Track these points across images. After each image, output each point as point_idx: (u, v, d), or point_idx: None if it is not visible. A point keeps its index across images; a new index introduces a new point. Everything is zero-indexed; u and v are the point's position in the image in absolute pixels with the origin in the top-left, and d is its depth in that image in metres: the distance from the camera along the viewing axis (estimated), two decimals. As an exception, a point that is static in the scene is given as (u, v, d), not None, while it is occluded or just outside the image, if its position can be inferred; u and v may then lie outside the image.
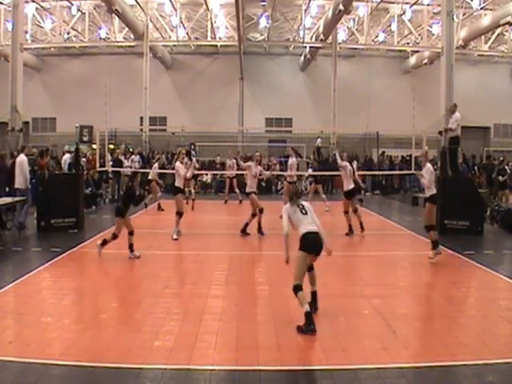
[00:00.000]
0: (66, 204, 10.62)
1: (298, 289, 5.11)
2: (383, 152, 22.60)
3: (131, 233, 8.15)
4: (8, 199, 10.35)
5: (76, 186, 11.10)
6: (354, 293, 6.42)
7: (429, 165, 8.50)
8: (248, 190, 10.54)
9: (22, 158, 10.90)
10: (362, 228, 10.68)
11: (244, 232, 10.32)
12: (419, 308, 5.99)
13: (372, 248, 9.82)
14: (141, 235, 10.78)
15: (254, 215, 10.35)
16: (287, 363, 4.24)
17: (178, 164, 10.31)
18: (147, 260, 8.27)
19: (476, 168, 19.55)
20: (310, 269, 5.50)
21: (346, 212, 10.75)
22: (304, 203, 5.58)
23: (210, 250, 9.46)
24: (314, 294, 5.52)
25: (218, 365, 4.17)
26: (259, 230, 10.36)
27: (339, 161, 11.10)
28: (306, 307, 5.00)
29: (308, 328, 4.88)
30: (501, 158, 18.43)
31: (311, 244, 5.22)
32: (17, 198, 10.73)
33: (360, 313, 5.60)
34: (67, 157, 15.81)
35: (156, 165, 14.54)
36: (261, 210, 10.36)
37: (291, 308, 5.74)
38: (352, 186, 10.79)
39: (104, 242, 8.07)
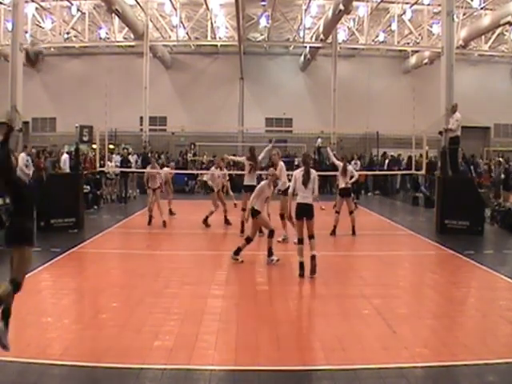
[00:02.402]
0: (65, 204, 10.62)
1: (298, 242, 7.09)
2: (384, 152, 22.59)
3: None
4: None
5: (76, 186, 11.10)
6: (354, 293, 6.42)
7: (281, 163, 9.59)
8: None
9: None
10: (353, 232, 10.60)
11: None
12: (419, 308, 5.99)
13: (372, 248, 9.82)
14: (141, 235, 10.82)
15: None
16: (287, 363, 4.24)
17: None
18: (147, 260, 8.27)
19: (472, 168, 19.50)
20: (311, 237, 7.02)
21: (337, 212, 10.72)
22: (310, 172, 7.09)
23: (210, 250, 9.46)
24: (312, 257, 6.94)
25: (217, 365, 4.17)
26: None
27: (334, 159, 11.48)
28: (299, 258, 6.96)
29: (300, 272, 6.90)
30: (499, 159, 18.43)
31: (301, 212, 7.03)
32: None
33: (360, 313, 5.59)
34: (66, 157, 15.83)
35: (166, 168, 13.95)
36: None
37: (291, 308, 5.75)
38: (344, 185, 10.69)
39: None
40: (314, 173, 7.20)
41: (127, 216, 13.22)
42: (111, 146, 19.23)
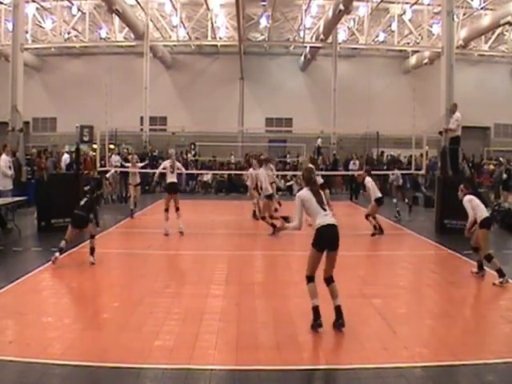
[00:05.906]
0: (66, 204, 10.61)
1: (308, 280, 5.02)
2: (382, 152, 22.60)
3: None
4: (8, 199, 10.36)
5: (76, 186, 11.09)
6: (354, 293, 6.42)
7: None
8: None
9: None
10: (377, 230, 10.74)
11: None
12: (419, 308, 5.99)
13: (372, 248, 9.83)
14: (141, 235, 10.82)
15: None
16: (287, 363, 4.24)
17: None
18: (147, 260, 8.28)
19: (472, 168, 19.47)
20: (330, 281, 5.04)
21: (372, 216, 10.91)
22: (320, 192, 5.19)
23: (210, 250, 9.46)
24: (337, 309, 5.02)
25: (218, 365, 4.17)
26: None
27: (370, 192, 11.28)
28: (313, 301, 4.96)
29: (314, 323, 4.93)
30: (500, 159, 18.46)
31: (329, 238, 4.93)
32: (17, 198, 10.73)
33: (360, 313, 5.60)
34: (67, 157, 15.85)
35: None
36: None
37: (291, 308, 5.75)
38: (379, 194, 11.01)
39: None
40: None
41: (127, 216, 13.20)
42: (111, 146, 19.21)
